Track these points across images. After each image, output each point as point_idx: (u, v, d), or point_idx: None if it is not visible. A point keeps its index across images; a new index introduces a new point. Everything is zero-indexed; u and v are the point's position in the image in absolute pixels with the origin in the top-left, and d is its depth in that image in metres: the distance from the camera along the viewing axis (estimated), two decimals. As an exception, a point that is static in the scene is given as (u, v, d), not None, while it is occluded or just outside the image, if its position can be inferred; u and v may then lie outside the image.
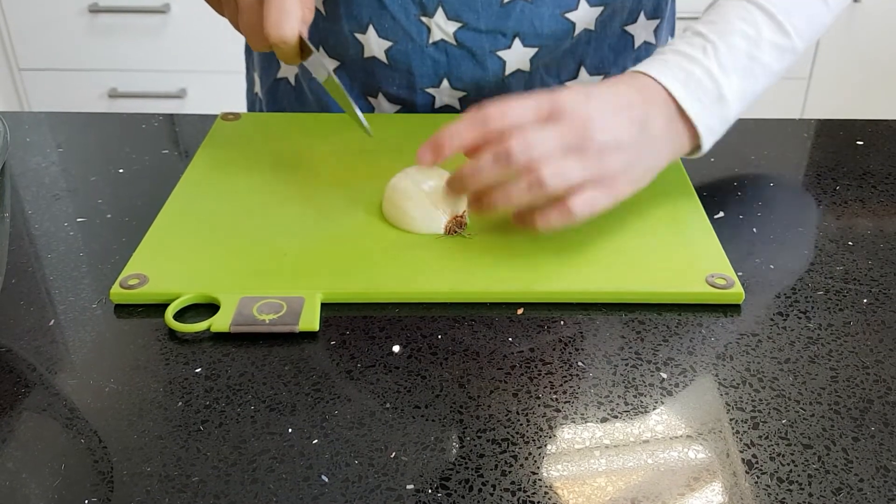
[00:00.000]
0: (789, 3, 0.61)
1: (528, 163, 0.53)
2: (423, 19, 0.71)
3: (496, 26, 0.72)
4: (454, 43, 0.73)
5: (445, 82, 0.75)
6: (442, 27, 0.72)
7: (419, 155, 0.56)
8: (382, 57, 0.74)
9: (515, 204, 0.54)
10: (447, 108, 0.78)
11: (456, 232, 0.59)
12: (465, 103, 0.77)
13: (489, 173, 0.54)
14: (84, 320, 0.53)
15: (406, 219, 0.59)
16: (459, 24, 0.71)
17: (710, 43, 0.59)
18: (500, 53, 0.73)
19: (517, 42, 0.72)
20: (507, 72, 0.75)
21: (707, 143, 0.59)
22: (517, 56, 0.74)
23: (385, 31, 0.73)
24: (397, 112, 0.78)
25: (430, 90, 0.76)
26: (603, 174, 0.54)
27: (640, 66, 0.59)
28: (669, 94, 0.57)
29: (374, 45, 0.74)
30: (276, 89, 0.84)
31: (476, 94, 0.76)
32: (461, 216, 0.59)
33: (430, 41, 0.73)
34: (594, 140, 0.54)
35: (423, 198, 0.59)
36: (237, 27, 0.59)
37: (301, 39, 0.57)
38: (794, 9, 0.61)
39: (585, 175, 0.54)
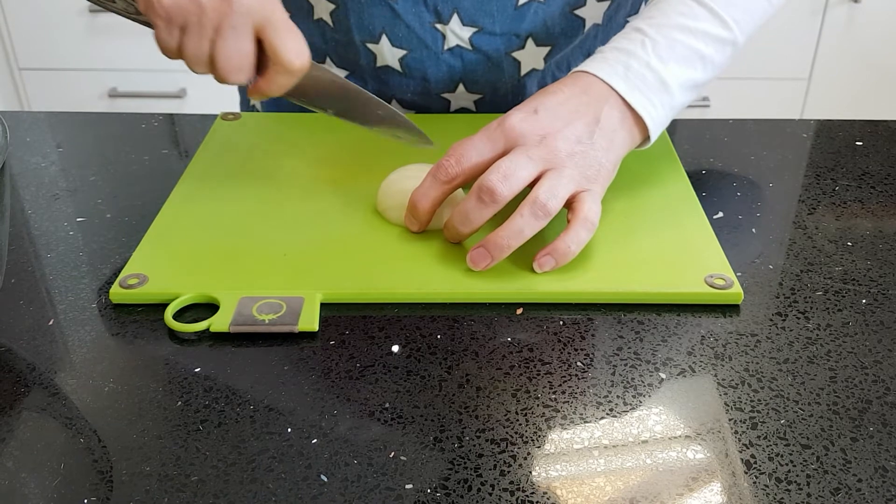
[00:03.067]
0: None
1: (513, 193, 0.54)
2: (438, 26, 0.71)
3: (511, 29, 0.72)
4: (469, 48, 0.73)
5: (461, 87, 0.75)
6: (457, 33, 0.72)
7: (409, 228, 0.58)
8: (396, 65, 0.74)
9: (528, 236, 0.54)
10: (462, 111, 0.78)
11: None
12: (481, 105, 0.78)
13: (478, 215, 0.55)
14: (83, 320, 0.53)
15: (401, 213, 0.59)
16: (475, 29, 0.71)
17: (649, 37, 0.60)
18: (515, 54, 0.73)
19: (530, 42, 0.73)
20: (523, 72, 0.75)
21: (655, 132, 0.60)
22: (531, 56, 0.74)
23: (399, 40, 0.72)
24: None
25: (446, 95, 0.76)
26: (585, 178, 0.55)
27: (582, 66, 0.60)
28: (612, 89, 0.58)
29: (388, 54, 0.74)
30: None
31: (492, 95, 0.77)
32: None
33: (446, 47, 0.73)
34: (559, 150, 0.55)
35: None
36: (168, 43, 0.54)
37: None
38: (733, 1, 0.61)
39: (573, 185, 0.55)
